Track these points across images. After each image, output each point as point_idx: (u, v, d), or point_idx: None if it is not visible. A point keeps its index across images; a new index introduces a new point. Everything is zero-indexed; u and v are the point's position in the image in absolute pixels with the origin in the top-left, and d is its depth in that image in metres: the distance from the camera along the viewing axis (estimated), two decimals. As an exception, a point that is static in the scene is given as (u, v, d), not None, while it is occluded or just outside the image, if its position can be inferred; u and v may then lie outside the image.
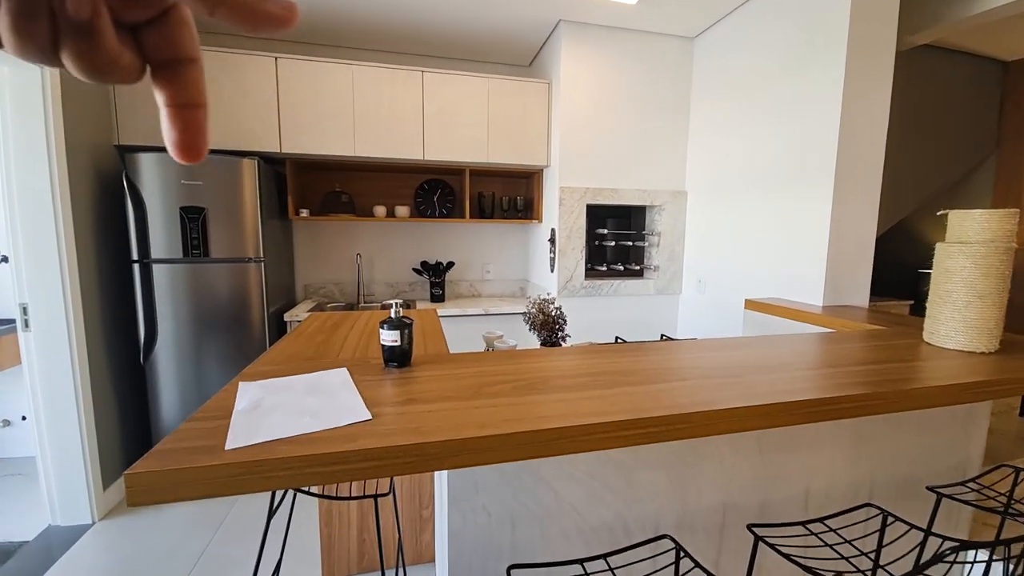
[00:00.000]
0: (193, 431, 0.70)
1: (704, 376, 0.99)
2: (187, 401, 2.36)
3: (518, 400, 0.84)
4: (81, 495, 2.13)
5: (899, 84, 2.22)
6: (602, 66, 2.72)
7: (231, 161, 2.31)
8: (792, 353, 1.23)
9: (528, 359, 1.12)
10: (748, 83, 2.42)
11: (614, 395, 0.87)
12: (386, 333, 1.00)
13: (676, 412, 0.79)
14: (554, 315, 1.47)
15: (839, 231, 1.94)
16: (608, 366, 1.06)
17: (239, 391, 0.88)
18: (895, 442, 1.40)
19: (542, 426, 0.73)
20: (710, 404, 0.82)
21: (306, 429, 0.71)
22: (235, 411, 0.77)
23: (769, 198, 2.28)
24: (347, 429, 0.72)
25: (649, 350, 1.22)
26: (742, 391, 0.90)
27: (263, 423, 0.73)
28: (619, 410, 0.80)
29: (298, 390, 0.88)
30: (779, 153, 2.21)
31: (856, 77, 1.89)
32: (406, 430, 0.71)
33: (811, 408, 0.87)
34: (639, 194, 2.85)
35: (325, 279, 3.15)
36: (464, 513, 1.02)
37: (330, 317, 1.61)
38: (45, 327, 2.01)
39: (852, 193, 1.94)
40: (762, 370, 1.05)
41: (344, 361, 1.09)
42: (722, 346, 1.27)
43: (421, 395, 0.86)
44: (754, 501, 1.26)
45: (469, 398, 0.85)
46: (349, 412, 0.77)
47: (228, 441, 0.66)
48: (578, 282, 2.81)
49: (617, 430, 0.76)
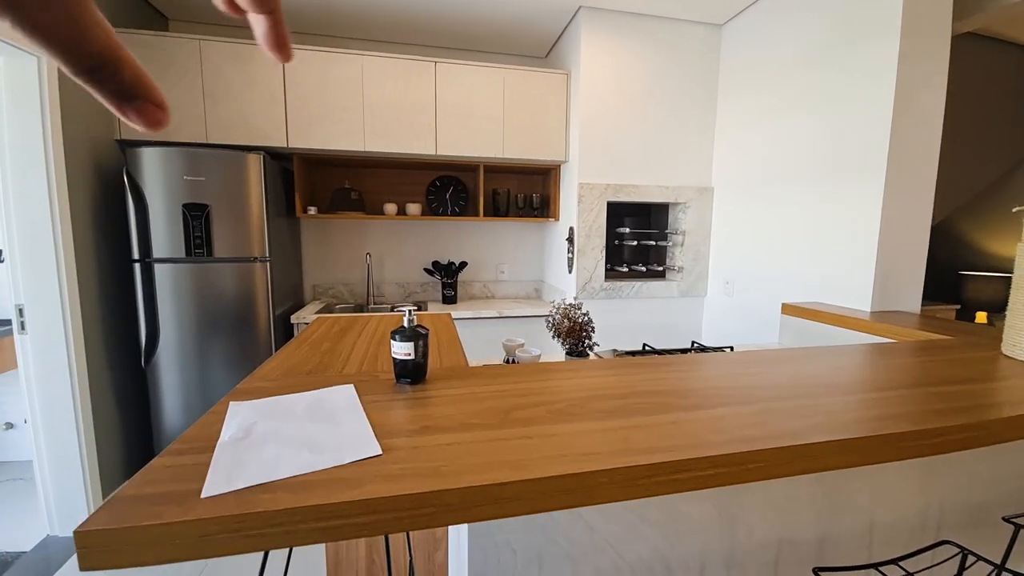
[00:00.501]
0: (165, 470, 0.58)
1: (770, 398, 0.84)
2: (190, 406, 2.26)
3: (554, 429, 0.71)
4: (80, 505, 2.04)
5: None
6: (624, 55, 2.57)
7: (236, 156, 2.20)
8: (859, 368, 1.08)
9: (558, 374, 0.98)
10: (782, 71, 2.25)
11: (669, 424, 0.73)
12: (398, 345, 0.88)
13: (749, 449, 0.65)
14: (581, 322, 1.34)
15: (891, 229, 1.78)
16: (652, 384, 0.92)
17: (228, 414, 0.75)
18: (968, 467, 1.24)
19: (587, 467, 0.59)
20: (790, 437, 0.68)
21: (303, 468, 0.58)
22: (220, 441, 0.65)
23: (806, 194, 2.12)
24: (352, 468, 0.59)
25: (695, 364, 1.07)
26: (822, 419, 0.75)
27: (251, 459, 0.60)
28: (677, 445, 0.66)
29: (297, 413, 0.75)
30: (818, 146, 2.05)
31: (911, 62, 1.72)
32: (422, 471, 0.58)
33: (915, 441, 0.72)
34: (662, 191, 2.70)
35: (334, 279, 3.04)
36: (486, 550, 0.89)
37: (336, 321, 1.49)
38: (42, 330, 1.92)
39: (905, 188, 1.77)
40: (834, 390, 0.91)
41: (350, 376, 0.96)
42: (778, 359, 1.12)
43: (439, 421, 0.73)
44: (812, 536, 1.11)
45: (495, 425, 0.72)
46: (355, 445, 0.64)
47: (206, 485, 0.54)
48: (597, 284, 2.67)
49: (677, 471, 0.62)
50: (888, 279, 1.81)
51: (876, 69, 1.78)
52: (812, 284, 2.09)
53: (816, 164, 2.07)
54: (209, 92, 2.29)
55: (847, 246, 1.92)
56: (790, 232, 2.22)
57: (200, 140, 2.30)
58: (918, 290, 1.87)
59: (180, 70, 2.25)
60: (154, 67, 2.21)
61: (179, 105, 2.26)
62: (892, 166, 1.74)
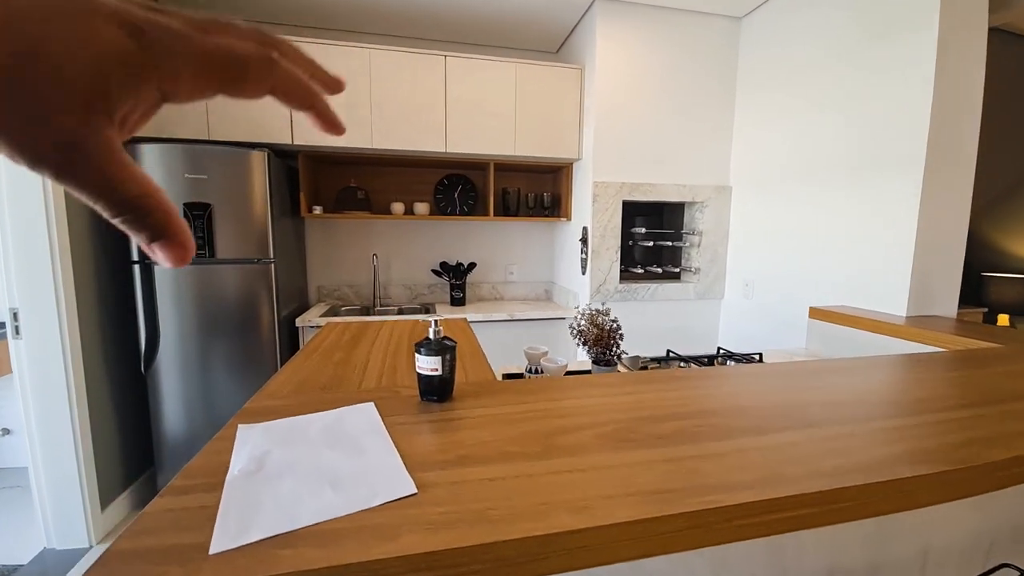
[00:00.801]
0: (166, 515, 0.49)
1: (838, 420, 0.76)
2: (192, 413, 2.18)
3: (608, 459, 0.62)
4: (77, 517, 1.96)
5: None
6: (640, 50, 2.48)
7: (239, 153, 2.11)
8: (915, 382, 1.00)
9: (596, 389, 0.89)
10: (806, 66, 2.16)
11: (736, 452, 0.64)
12: (424, 359, 0.79)
13: (840, 486, 0.56)
14: (609, 329, 1.25)
15: (929, 229, 1.69)
16: (700, 401, 0.84)
17: (237, 439, 0.67)
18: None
19: (662, 510, 0.51)
20: (880, 470, 0.59)
21: (327, 512, 0.49)
22: (229, 476, 0.56)
23: (831, 194, 2.03)
24: (385, 512, 0.50)
25: (740, 377, 0.99)
26: (904, 446, 0.67)
27: (267, 500, 0.51)
28: (754, 479, 0.57)
29: (314, 439, 0.67)
30: (845, 143, 1.96)
31: (950, 55, 1.64)
32: (468, 516, 0.50)
33: (1010, 469, 0.64)
34: (679, 189, 2.61)
35: (339, 281, 2.96)
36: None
37: (347, 328, 1.40)
38: (37, 334, 1.84)
39: (944, 186, 1.68)
40: (903, 409, 0.82)
41: (369, 391, 0.87)
42: (829, 371, 1.03)
43: (475, 449, 0.65)
44: (863, 564, 1.03)
45: (540, 455, 0.63)
46: (385, 481, 0.56)
47: (215, 538, 0.45)
48: (612, 286, 2.58)
49: (763, 513, 0.53)
50: (925, 282, 1.72)
51: (911, 63, 1.70)
52: (837, 287, 2.01)
53: (843, 162, 1.98)
54: (211, 87, 2.20)
55: (878, 248, 1.83)
56: (814, 233, 2.13)
57: (202, 137, 2.21)
58: (954, 294, 1.78)
59: (181, 64, 2.16)
60: (154, 61, 2.12)
61: (180, 100, 2.17)
62: (931, 163, 1.66)
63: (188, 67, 0.19)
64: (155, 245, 0.20)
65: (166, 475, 2.19)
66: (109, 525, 2.07)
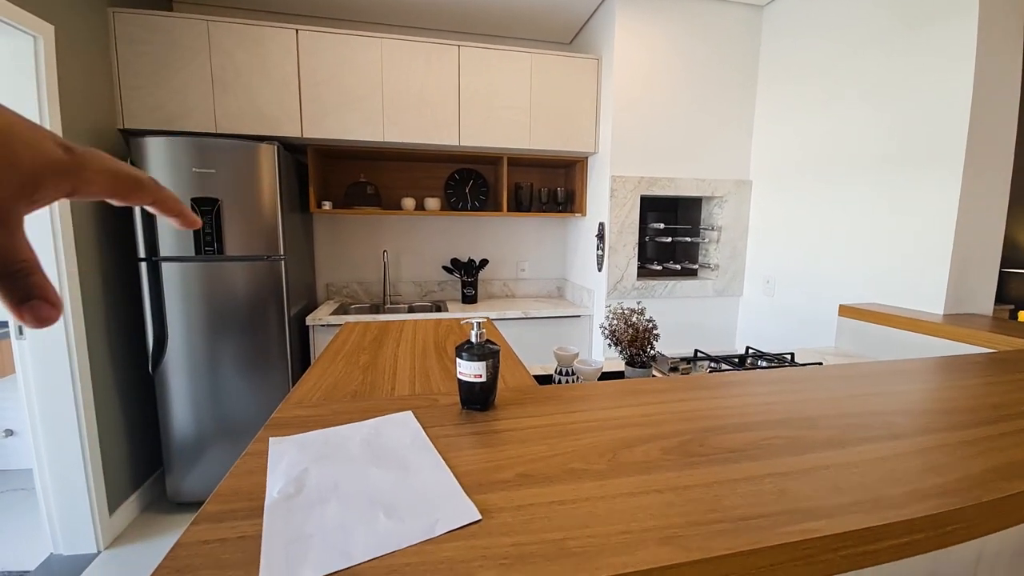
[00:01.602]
0: (202, 548, 0.43)
1: (921, 430, 0.70)
2: (201, 414, 2.12)
3: (683, 478, 0.56)
4: (84, 521, 1.90)
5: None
6: (659, 40, 2.40)
7: (248, 146, 2.05)
8: (987, 385, 0.93)
9: (644, 396, 0.83)
10: (831, 55, 2.09)
11: (821, 468, 0.58)
12: (466, 364, 0.73)
13: (949, 508, 0.50)
14: (645, 329, 1.19)
15: (968, 225, 1.62)
16: (762, 410, 0.78)
17: (270, 454, 0.61)
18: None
19: (759, 540, 0.45)
20: (979, 488, 0.53)
21: (387, 545, 0.43)
22: (268, 500, 0.50)
23: (859, 188, 1.96)
24: (448, 545, 0.44)
25: (794, 381, 0.92)
26: (1000, 459, 0.61)
27: (313, 528, 0.46)
28: (853, 503, 0.51)
29: (355, 453, 0.61)
30: (875, 136, 1.89)
31: (990, 43, 1.56)
32: (546, 549, 0.44)
33: None
34: (698, 184, 2.54)
35: (348, 278, 2.89)
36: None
37: (368, 328, 1.34)
38: (41, 334, 1.77)
39: (984, 179, 1.62)
40: (980, 416, 0.76)
41: (404, 399, 0.81)
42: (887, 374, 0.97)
43: (534, 466, 0.59)
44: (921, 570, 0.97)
45: (608, 472, 0.57)
46: (444, 506, 0.50)
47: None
48: (629, 283, 2.52)
49: (870, 541, 0.47)
50: (964, 279, 1.66)
51: (949, 51, 1.62)
52: (864, 285, 1.94)
53: (871, 156, 1.91)
54: (218, 78, 2.13)
55: (911, 244, 1.76)
56: (838, 229, 2.06)
57: (209, 130, 2.14)
58: (991, 291, 1.72)
59: (186, 54, 2.09)
60: (157, 50, 2.05)
61: (185, 92, 2.10)
62: (970, 158, 1.59)
63: (100, 176, 0.26)
64: (24, 306, 0.22)
65: (175, 477, 2.13)
66: (117, 529, 2.02)
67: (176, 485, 2.14)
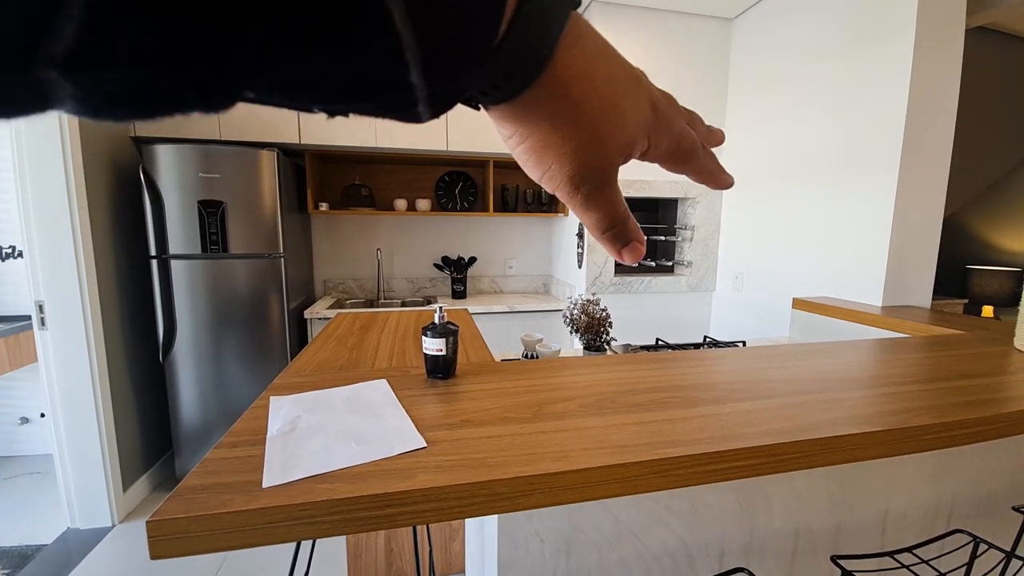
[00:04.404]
0: (222, 462, 0.60)
1: (793, 392, 0.87)
2: (207, 400, 2.30)
3: (588, 423, 0.73)
4: (100, 497, 2.08)
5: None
6: (634, 50, 2.57)
7: (249, 153, 2.22)
8: (876, 363, 1.11)
9: (582, 370, 1.00)
10: (794, 65, 2.26)
11: (698, 417, 0.75)
12: (430, 341, 0.90)
13: (781, 441, 0.67)
14: (599, 317, 1.36)
15: (903, 224, 1.79)
16: (676, 379, 0.95)
17: (271, 407, 0.78)
18: (979, 459, 1.26)
19: (628, 459, 0.62)
20: (818, 430, 0.70)
21: (355, 459, 0.60)
22: (269, 435, 0.67)
23: (816, 190, 2.13)
24: (401, 460, 0.61)
25: (714, 359, 1.10)
26: (846, 412, 0.78)
27: (303, 451, 0.62)
28: (711, 437, 0.68)
29: (337, 407, 0.78)
30: (830, 141, 2.06)
31: (926, 57, 1.73)
32: (469, 462, 0.60)
33: (936, 434, 0.75)
34: (672, 186, 2.71)
35: (344, 275, 3.06)
36: (515, 539, 0.91)
37: (358, 318, 1.51)
38: (62, 326, 1.95)
39: (918, 182, 1.78)
40: (854, 384, 0.93)
41: (381, 371, 0.98)
42: (796, 354, 1.14)
43: (475, 415, 0.76)
44: (829, 525, 1.14)
45: (531, 419, 0.74)
46: (400, 438, 0.66)
47: (265, 477, 0.56)
48: (607, 278, 2.69)
49: (715, 462, 0.64)
50: (900, 274, 1.83)
51: (890, 66, 1.79)
52: (822, 279, 2.11)
53: (827, 160, 2.08)
54: (222, 89, 2.30)
55: (858, 241, 1.93)
56: (800, 228, 2.23)
57: (214, 137, 2.31)
58: (929, 285, 1.88)
59: (193, 67, 2.25)
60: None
61: (192, 102, 2.27)
62: (905, 161, 1.76)
63: (666, 141, 0.24)
64: (625, 248, 0.25)
65: (183, 458, 2.31)
66: (131, 505, 2.19)
67: (184, 466, 2.31)
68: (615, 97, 0.21)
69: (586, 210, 0.24)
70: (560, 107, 0.20)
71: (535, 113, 0.20)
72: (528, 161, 0.22)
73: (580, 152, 0.21)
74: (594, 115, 0.21)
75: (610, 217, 0.24)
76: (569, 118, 0.20)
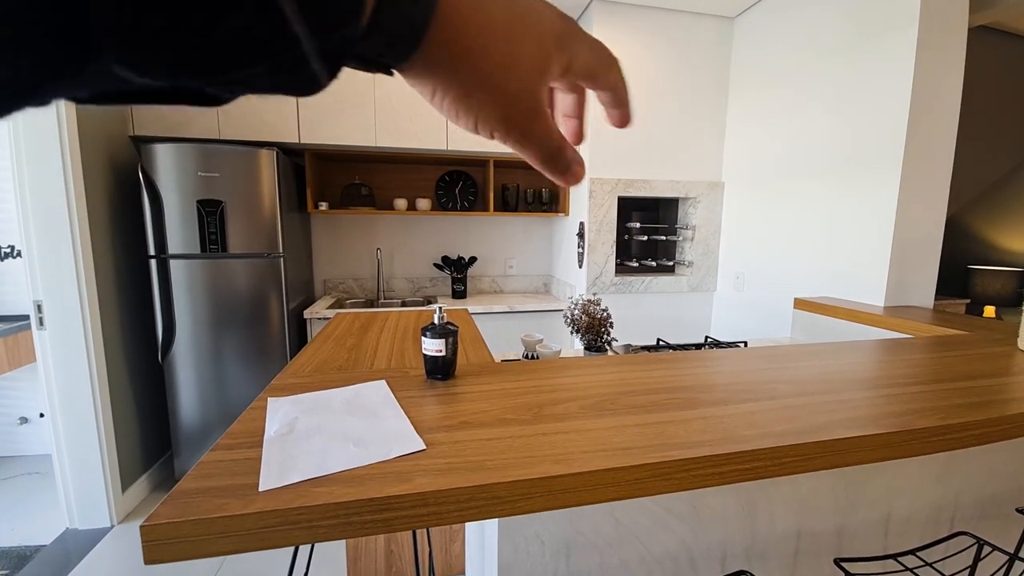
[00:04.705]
0: (218, 465, 0.59)
1: (795, 394, 0.86)
2: (206, 401, 2.29)
3: (588, 424, 0.72)
4: (99, 498, 2.07)
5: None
6: (635, 50, 2.56)
7: (249, 152, 2.21)
8: (878, 363, 1.10)
9: (583, 370, 0.99)
10: (796, 65, 2.25)
11: (699, 419, 0.74)
12: (429, 342, 0.89)
13: (783, 444, 0.66)
14: (600, 317, 1.35)
15: (906, 223, 1.78)
16: (676, 380, 0.94)
17: (268, 408, 0.77)
18: (982, 461, 1.26)
19: (629, 461, 0.61)
20: (821, 432, 0.69)
21: (353, 462, 0.60)
22: (267, 437, 0.67)
23: (819, 189, 2.12)
24: (399, 463, 0.60)
25: (715, 360, 1.09)
26: (849, 414, 0.77)
27: (301, 453, 0.62)
28: (712, 439, 0.67)
29: (336, 408, 0.77)
30: (832, 140, 2.05)
31: (928, 57, 1.72)
32: (468, 465, 0.60)
33: (940, 436, 0.74)
34: (673, 185, 2.70)
35: (344, 274, 3.06)
36: (515, 541, 0.91)
37: (357, 318, 1.50)
38: (61, 326, 1.94)
39: (921, 181, 1.77)
40: (857, 385, 0.92)
41: (380, 371, 0.97)
42: (798, 354, 1.13)
43: (474, 416, 0.75)
44: (831, 527, 1.13)
45: (530, 421, 0.73)
46: (399, 440, 0.66)
47: (262, 479, 0.56)
48: (608, 278, 2.68)
49: (717, 465, 0.63)
50: (902, 274, 1.82)
51: (893, 62, 1.78)
52: (824, 279, 2.10)
53: (830, 159, 2.07)
54: (221, 88, 2.29)
55: (860, 241, 1.92)
56: (802, 227, 2.22)
57: (212, 136, 2.30)
58: (931, 285, 1.87)
59: (192, 66, 2.24)
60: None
61: (191, 101, 2.26)
62: (908, 160, 1.75)
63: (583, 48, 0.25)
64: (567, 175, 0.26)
65: (182, 459, 2.30)
66: (130, 506, 2.19)
67: (183, 466, 2.30)
68: (509, 25, 0.21)
69: (524, 146, 0.24)
70: (461, 55, 0.21)
71: (442, 67, 0.21)
72: (457, 115, 0.23)
73: (498, 92, 0.22)
74: (497, 51, 0.21)
75: (547, 148, 0.25)
76: (474, 63, 0.21)
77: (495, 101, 0.22)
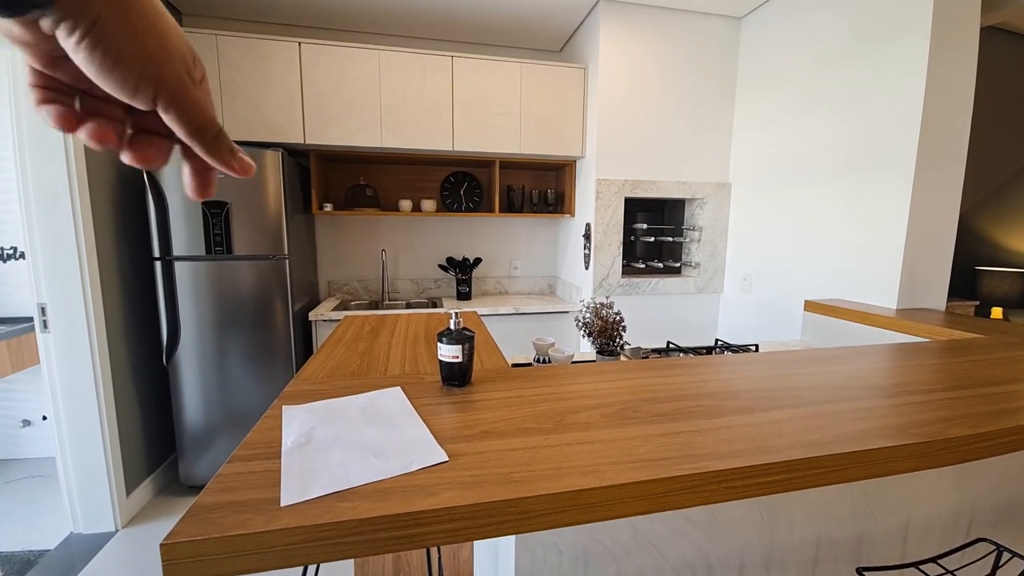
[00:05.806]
0: (237, 477, 0.58)
1: (820, 401, 0.84)
2: (211, 404, 2.27)
3: (613, 434, 0.70)
4: (104, 502, 2.05)
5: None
6: (642, 50, 2.54)
7: (255, 153, 2.19)
8: (899, 369, 1.08)
9: (601, 376, 0.98)
10: (804, 65, 2.23)
11: (726, 428, 0.73)
12: (445, 347, 0.87)
13: (816, 455, 0.64)
14: (613, 321, 1.33)
15: (919, 225, 1.76)
16: (696, 386, 0.92)
17: (284, 417, 0.75)
18: (1002, 466, 1.24)
19: (659, 474, 0.59)
20: (853, 442, 0.68)
21: (376, 475, 0.58)
22: (284, 448, 0.65)
23: (827, 191, 2.11)
24: (423, 475, 0.59)
25: (734, 365, 1.07)
26: (877, 423, 0.75)
27: (321, 466, 0.60)
28: (742, 450, 0.65)
29: (353, 416, 0.75)
30: (841, 142, 2.03)
31: (941, 57, 1.70)
32: (495, 478, 0.58)
33: (973, 444, 0.72)
34: (680, 186, 2.68)
35: (349, 276, 3.04)
36: (533, 550, 0.89)
37: (367, 321, 1.49)
38: (65, 328, 1.92)
39: (934, 184, 1.76)
40: (882, 392, 0.90)
41: (394, 378, 0.96)
42: (817, 359, 1.11)
43: (496, 426, 0.73)
44: (851, 534, 1.11)
45: (554, 430, 0.72)
46: (421, 451, 0.64)
47: (284, 494, 0.54)
48: (614, 280, 2.66)
49: (747, 477, 0.62)
50: (915, 276, 1.80)
51: (904, 65, 1.76)
52: (833, 281, 2.08)
53: (838, 161, 2.05)
54: (226, 88, 2.28)
55: (871, 243, 1.90)
56: (810, 229, 2.21)
57: (217, 137, 2.28)
58: (944, 287, 1.86)
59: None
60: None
61: (196, 102, 2.24)
62: (921, 162, 1.73)
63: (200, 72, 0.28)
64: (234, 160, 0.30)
65: (187, 462, 2.28)
66: (134, 510, 2.17)
67: (188, 469, 2.29)
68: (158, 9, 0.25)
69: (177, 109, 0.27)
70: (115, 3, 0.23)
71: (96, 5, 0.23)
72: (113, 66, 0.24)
73: (157, 48, 0.25)
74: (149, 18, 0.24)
75: (199, 118, 0.27)
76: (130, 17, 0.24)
77: (151, 58, 0.24)
